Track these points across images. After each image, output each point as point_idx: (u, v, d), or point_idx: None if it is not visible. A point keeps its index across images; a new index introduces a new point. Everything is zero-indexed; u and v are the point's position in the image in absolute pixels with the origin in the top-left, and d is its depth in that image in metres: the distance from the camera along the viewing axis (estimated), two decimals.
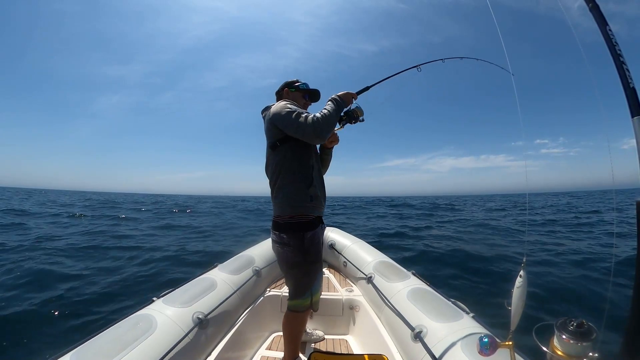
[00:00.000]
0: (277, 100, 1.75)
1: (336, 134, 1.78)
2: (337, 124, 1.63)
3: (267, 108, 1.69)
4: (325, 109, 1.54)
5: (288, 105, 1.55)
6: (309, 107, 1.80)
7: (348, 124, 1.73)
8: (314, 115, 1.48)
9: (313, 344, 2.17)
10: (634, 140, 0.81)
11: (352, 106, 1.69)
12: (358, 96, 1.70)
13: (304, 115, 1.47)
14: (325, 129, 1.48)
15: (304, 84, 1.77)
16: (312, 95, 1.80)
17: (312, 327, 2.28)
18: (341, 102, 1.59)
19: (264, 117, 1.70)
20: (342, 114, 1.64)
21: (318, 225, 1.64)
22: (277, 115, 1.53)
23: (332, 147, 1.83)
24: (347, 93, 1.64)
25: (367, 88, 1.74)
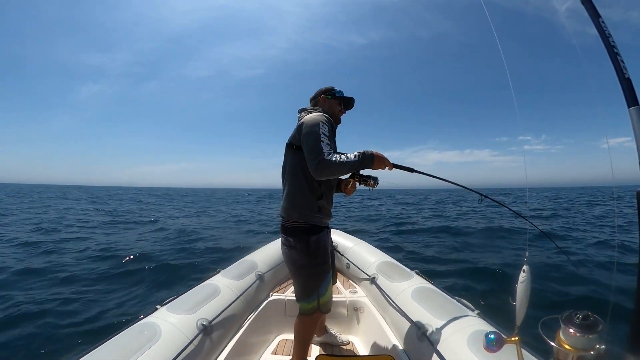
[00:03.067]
0: (311, 106, 1.77)
1: (355, 187, 1.71)
2: (347, 174, 1.57)
3: (304, 110, 1.73)
4: (347, 156, 1.44)
5: (320, 129, 1.48)
6: (343, 114, 1.80)
7: (353, 179, 1.64)
8: (332, 156, 1.42)
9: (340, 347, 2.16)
10: (631, 133, 0.81)
11: (373, 174, 1.61)
12: (393, 169, 1.57)
13: (323, 149, 1.43)
14: (329, 174, 1.45)
15: (339, 91, 1.75)
16: (347, 104, 1.79)
17: (339, 331, 2.26)
18: (368, 163, 1.48)
19: (299, 118, 1.69)
20: (359, 171, 1.57)
21: (323, 230, 1.65)
22: (306, 130, 1.50)
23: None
24: (384, 160, 1.51)
25: (411, 170, 1.62)
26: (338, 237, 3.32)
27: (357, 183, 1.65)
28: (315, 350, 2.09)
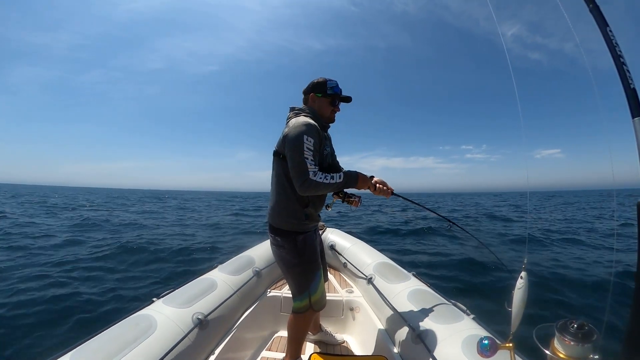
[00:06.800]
0: (303, 100, 1.68)
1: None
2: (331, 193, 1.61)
3: (293, 110, 1.63)
4: (332, 177, 1.45)
5: (305, 143, 1.42)
6: (338, 112, 1.69)
7: (337, 195, 1.66)
8: (317, 176, 1.42)
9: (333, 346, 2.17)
10: (635, 142, 0.81)
11: (358, 193, 1.64)
12: (391, 196, 1.60)
13: (308, 168, 1.41)
14: (313, 193, 1.47)
15: (332, 87, 1.61)
16: (341, 100, 1.68)
17: (334, 330, 2.27)
18: (352, 183, 1.51)
19: (288, 118, 1.62)
20: (344, 190, 1.59)
21: (310, 230, 1.67)
22: (290, 145, 1.45)
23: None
24: (367, 181, 1.55)
25: (406, 199, 1.74)
26: (336, 237, 3.32)
27: (341, 201, 1.67)
28: (309, 348, 2.10)
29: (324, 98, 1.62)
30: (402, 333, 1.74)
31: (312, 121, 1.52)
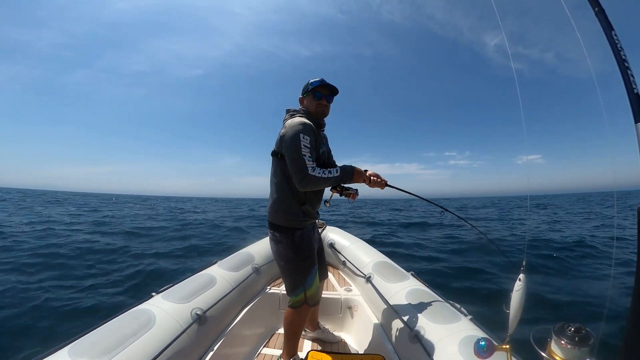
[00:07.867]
0: (300, 104, 1.74)
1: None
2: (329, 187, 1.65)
3: (288, 111, 1.69)
4: (330, 171, 1.52)
5: (302, 141, 1.48)
6: (328, 106, 1.71)
7: (335, 190, 1.70)
8: (316, 172, 1.47)
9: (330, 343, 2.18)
10: (637, 146, 0.81)
11: (354, 186, 1.68)
12: (385, 187, 1.64)
13: (307, 164, 1.47)
14: (313, 188, 1.53)
15: (312, 83, 1.65)
16: (320, 93, 1.67)
17: (332, 328, 2.29)
18: (348, 177, 1.56)
19: (284, 120, 1.67)
20: (342, 184, 1.63)
21: (308, 226, 1.71)
22: (287, 143, 1.51)
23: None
24: (362, 174, 1.59)
25: (399, 189, 1.76)
26: (336, 235, 3.32)
27: (339, 195, 1.71)
28: (307, 346, 2.11)
29: (307, 95, 1.69)
30: (400, 332, 1.75)
31: (306, 120, 1.59)
